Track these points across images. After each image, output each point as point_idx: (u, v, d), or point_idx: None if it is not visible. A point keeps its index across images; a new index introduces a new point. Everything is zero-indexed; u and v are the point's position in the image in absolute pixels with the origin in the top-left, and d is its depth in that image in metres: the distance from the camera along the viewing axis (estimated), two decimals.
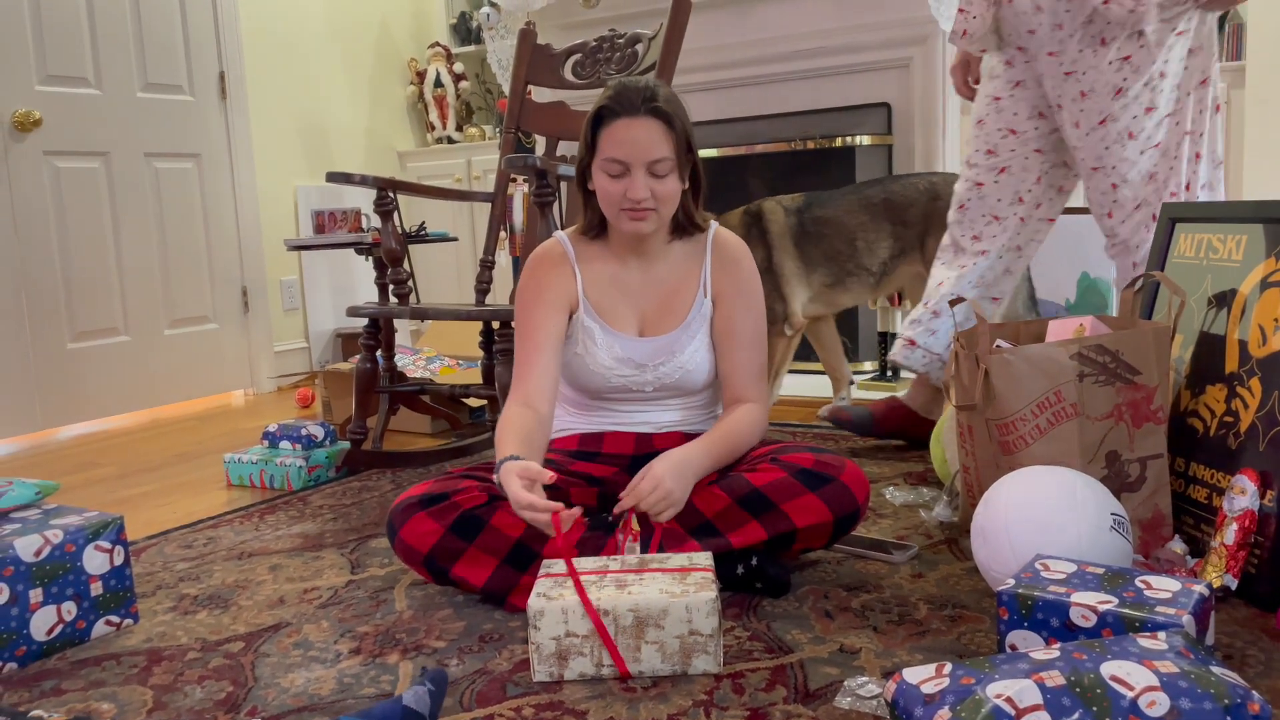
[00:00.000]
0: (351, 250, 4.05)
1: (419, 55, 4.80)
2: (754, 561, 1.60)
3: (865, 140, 3.41)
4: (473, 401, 3.14)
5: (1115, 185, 2.12)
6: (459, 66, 4.73)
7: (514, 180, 3.71)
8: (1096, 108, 2.08)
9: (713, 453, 1.63)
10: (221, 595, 1.77)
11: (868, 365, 3.54)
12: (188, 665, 1.49)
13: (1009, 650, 1.29)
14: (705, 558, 1.46)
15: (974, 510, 1.66)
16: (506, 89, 4.24)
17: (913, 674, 1.08)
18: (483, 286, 2.80)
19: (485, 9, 4.42)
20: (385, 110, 4.69)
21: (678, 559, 1.46)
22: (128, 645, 1.57)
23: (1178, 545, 1.57)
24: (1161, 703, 0.96)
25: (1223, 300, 1.72)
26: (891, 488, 2.14)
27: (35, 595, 1.51)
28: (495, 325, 2.75)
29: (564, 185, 2.66)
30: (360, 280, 4.49)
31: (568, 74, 2.79)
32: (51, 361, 3.36)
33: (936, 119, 3.37)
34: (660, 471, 1.54)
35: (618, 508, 1.56)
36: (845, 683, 1.29)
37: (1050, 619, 1.25)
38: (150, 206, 3.66)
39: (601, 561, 1.46)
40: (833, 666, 1.36)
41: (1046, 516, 1.44)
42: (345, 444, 2.62)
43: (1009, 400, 1.65)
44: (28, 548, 1.50)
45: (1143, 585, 1.27)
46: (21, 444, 3.29)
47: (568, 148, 2.85)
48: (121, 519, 1.63)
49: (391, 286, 2.69)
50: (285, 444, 2.56)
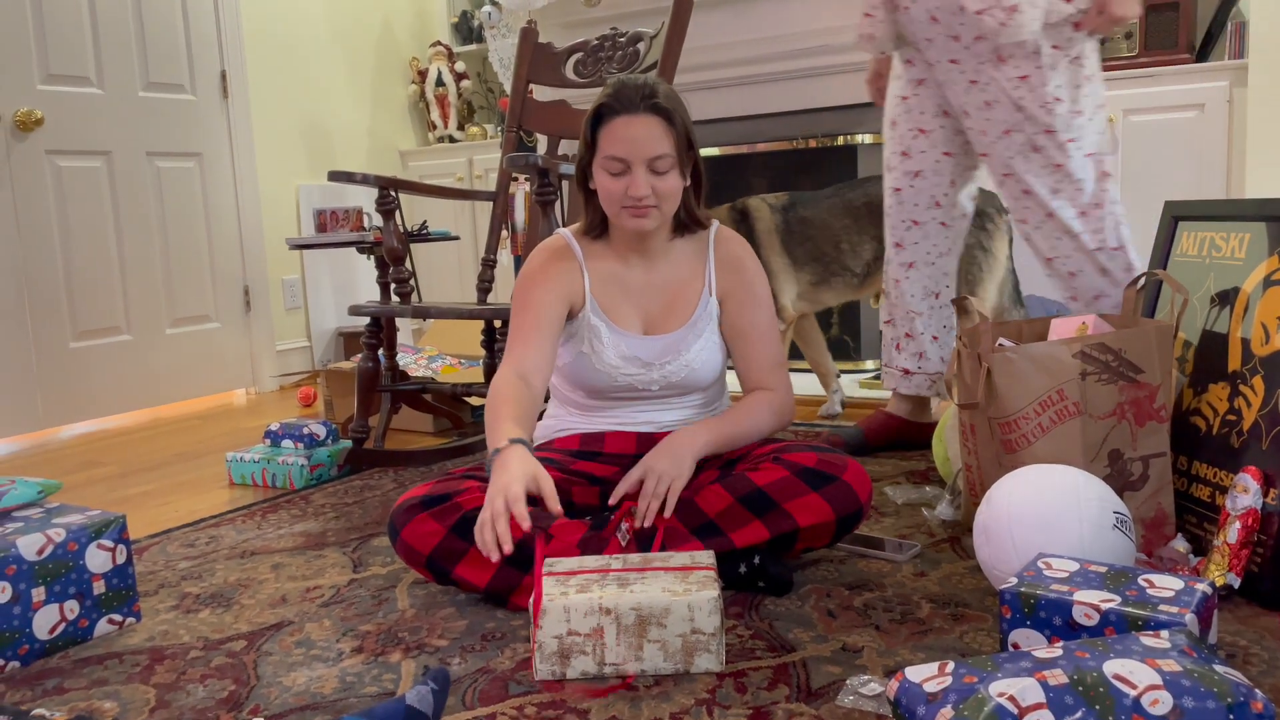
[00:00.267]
0: (353, 249, 4.06)
1: (420, 54, 4.80)
2: (756, 560, 1.60)
3: (867, 139, 3.41)
4: (474, 400, 3.15)
5: (1026, 191, 2.13)
6: (460, 65, 4.73)
7: (516, 179, 3.72)
8: (1001, 118, 2.09)
9: (717, 428, 1.65)
10: (224, 594, 1.77)
11: (869, 364, 3.54)
12: (190, 664, 1.49)
13: (1011, 649, 1.29)
14: (708, 556, 1.45)
15: (976, 509, 1.66)
16: (508, 88, 4.25)
17: (915, 672, 1.08)
18: (484, 285, 2.80)
19: (487, 8, 4.42)
20: (387, 109, 4.69)
21: (680, 558, 1.45)
22: (130, 644, 1.57)
23: (1180, 544, 1.57)
24: (1164, 701, 0.96)
25: (1225, 298, 1.72)
26: (894, 486, 2.14)
27: (38, 594, 1.52)
28: (497, 324, 2.75)
29: (566, 184, 2.65)
30: (362, 279, 4.50)
31: (569, 73, 2.79)
32: (53, 360, 3.36)
33: None
34: (650, 462, 1.58)
35: (612, 498, 1.60)
36: (848, 681, 1.29)
37: (1053, 618, 1.25)
38: (152, 206, 3.66)
39: (604, 560, 1.46)
40: (835, 665, 1.36)
41: (1049, 515, 1.44)
42: (347, 443, 2.62)
43: (1011, 399, 1.64)
44: (30, 546, 1.51)
45: (1145, 584, 1.27)
46: (24, 443, 3.30)
47: (569, 146, 2.85)
48: (124, 518, 1.63)
49: (393, 285, 2.69)
50: (287, 443, 2.56)
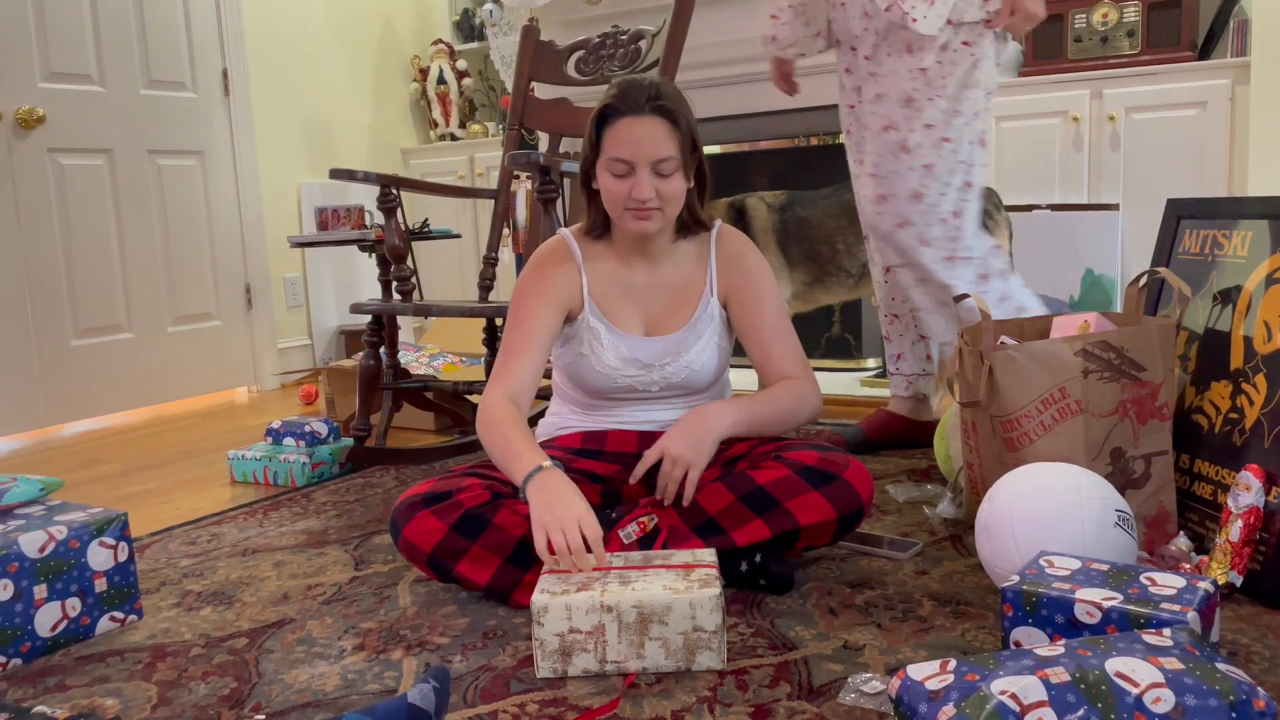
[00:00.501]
0: (355, 247, 4.06)
1: (422, 52, 4.80)
2: (758, 558, 1.60)
3: None
4: (476, 399, 3.15)
5: (884, 196, 2.11)
6: (462, 63, 4.73)
7: (517, 177, 3.72)
8: (884, 112, 2.08)
9: (747, 408, 1.64)
10: (225, 591, 1.77)
11: (871, 362, 3.54)
12: (192, 661, 1.49)
13: (1013, 647, 1.29)
14: (709, 554, 1.45)
15: (978, 507, 1.66)
16: (509, 86, 4.25)
17: (917, 670, 1.08)
18: (486, 283, 2.80)
19: (488, 6, 4.42)
20: (388, 107, 4.69)
21: (681, 555, 1.45)
22: (132, 641, 1.58)
23: (1182, 542, 1.57)
24: (1166, 699, 0.96)
25: (1227, 296, 1.72)
26: (895, 484, 2.14)
27: (40, 591, 1.52)
28: (498, 322, 2.75)
29: (567, 182, 2.65)
30: (363, 277, 4.50)
31: (571, 70, 2.79)
32: (55, 358, 3.36)
33: None
34: (669, 443, 1.59)
35: (632, 477, 1.62)
36: (849, 679, 1.29)
37: (1055, 615, 1.25)
38: (154, 204, 3.66)
39: (606, 557, 1.46)
40: (837, 663, 1.36)
41: (1051, 513, 1.44)
42: (349, 441, 2.62)
43: (1013, 397, 1.64)
44: (32, 544, 1.51)
45: (1147, 582, 1.27)
46: (25, 440, 3.30)
47: (571, 144, 2.85)
48: (125, 515, 1.63)
49: (395, 283, 2.69)
50: (289, 441, 2.56)
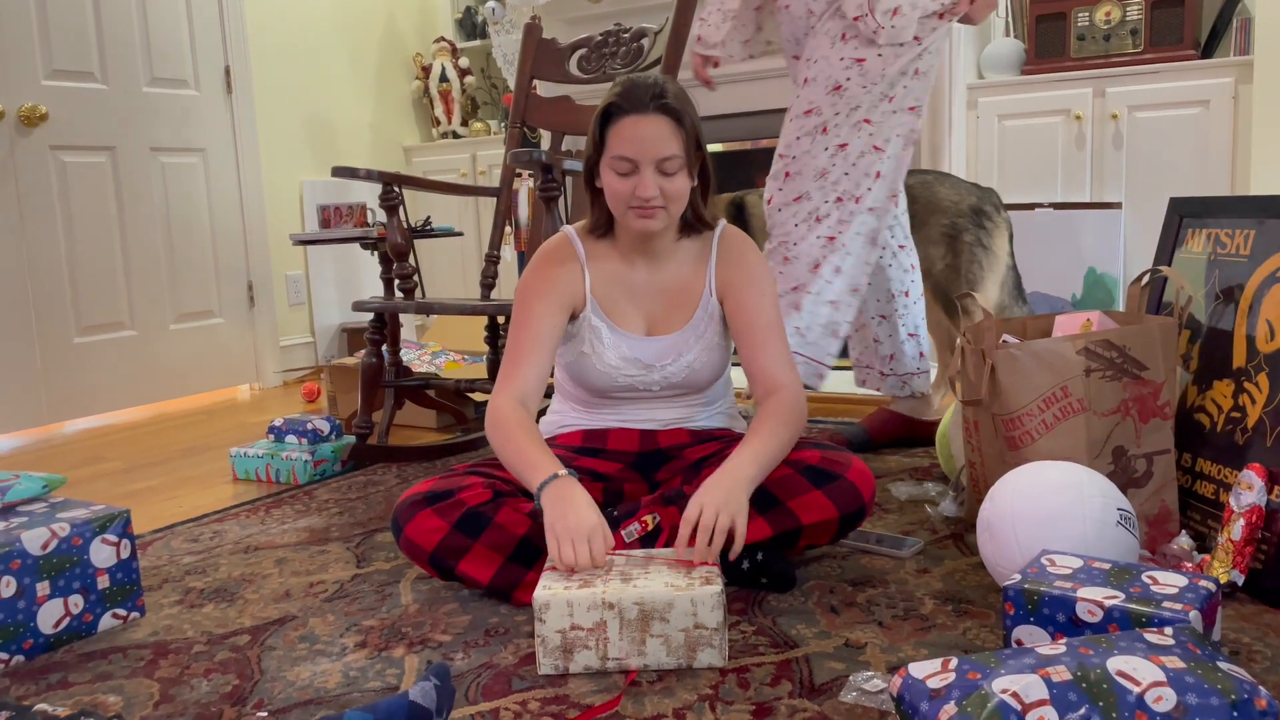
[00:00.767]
0: (357, 245, 4.06)
1: (424, 50, 4.80)
2: (759, 557, 1.60)
3: None
4: (477, 396, 3.15)
5: (789, 174, 2.10)
6: (464, 61, 4.73)
7: (519, 175, 3.72)
8: (809, 96, 2.06)
9: (760, 458, 1.53)
10: (228, 589, 1.78)
11: None
12: (194, 658, 1.49)
13: (1015, 645, 1.29)
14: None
15: (980, 505, 1.66)
16: (512, 84, 4.24)
17: (918, 669, 1.08)
18: (488, 281, 2.80)
19: (490, 3, 4.42)
20: (390, 105, 4.69)
21: (683, 552, 1.46)
22: (134, 638, 1.58)
23: (1184, 541, 1.57)
24: (1168, 698, 0.96)
25: (1230, 295, 1.72)
26: (897, 483, 2.14)
27: (42, 588, 1.52)
28: (500, 320, 2.75)
29: (569, 180, 2.65)
30: (366, 275, 4.50)
31: (573, 69, 2.79)
32: (58, 356, 3.37)
33: (943, 114, 3.36)
34: (708, 504, 1.43)
35: (676, 544, 1.44)
36: (850, 677, 1.29)
37: (1056, 614, 1.25)
38: (156, 201, 3.67)
39: (608, 556, 1.46)
40: (838, 661, 1.36)
41: (1053, 512, 1.44)
42: (351, 438, 2.62)
43: (1015, 395, 1.64)
44: (35, 541, 1.51)
45: (1149, 581, 1.27)
46: (28, 438, 3.30)
47: (573, 142, 2.85)
48: (128, 512, 1.63)
49: (397, 281, 2.70)
50: (291, 438, 2.57)
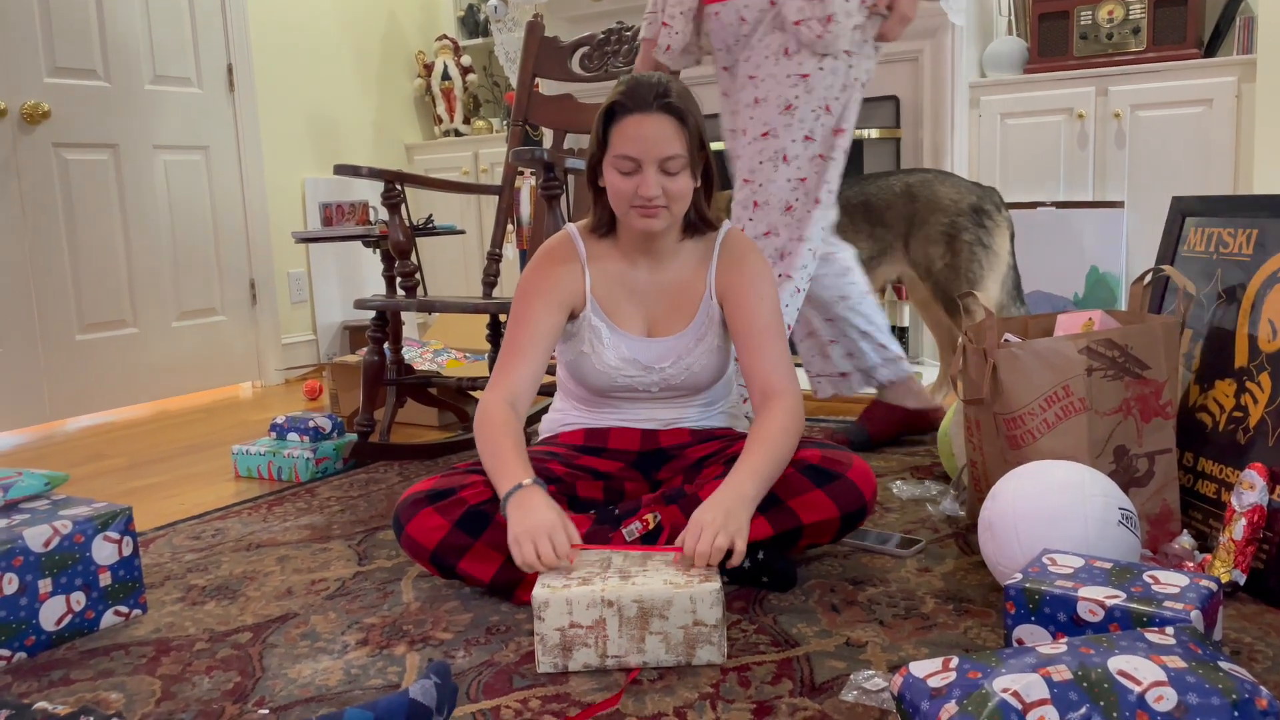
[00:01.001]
0: (359, 243, 4.06)
1: (426, 48, 4.80)
2: (760, 555, 1.60)
3: (873, 134, 3.40)
4: (479, 394, 3.15)
5: (758, 204, 2.08)
6: (466, 59, 4.73)
7: (521, 173, 3.72)
8: (764, 118, 2.04)
9: (759, 474, 1.51)
10: (229, 586, 1.78)
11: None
12: (196, 656, 1.49)
13: (1016, 645, 1.29)
14: None
15: (981, 504, 1.66)
16: (514, 82, 4.25)
17: (919, 668, 1.08)
18: (490, 279, 2.80)
19: (493, 2, 4.41)
20: (393, 103, 4.69)
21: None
22: (136, 635, 1.58)
23: (1186, 540, 1.57)
24: (1169, 698, 0.96)
25: (1232, 294, 1.71)
26: (899, 482, 2.14)
27: (44, 585, 1.52)
28: (502, 318, 2.75)
29: (571, 178, 2.65)
30: (368, 273, 4.50)
31: (575, 67, 2.79)
32: (60, 353, 3.37)
33: (945, 112, 3.36)
34: (708, 524, 1.41)
35: (678, 560, 1.42)
36: (851, 676, 1.29)
37: (1057, 613, 1.25)
38: (159, 199, 3.67)
39: (605, 554, 1.46)
40: (839, 660, 1.36)
41: (1054, 511, 1.44)
42: (352, 436, 2.63)
43: (1017, 394, 1.64)
44: (37, 538, 1.51)
45: (1150, 580, 1.27)
46: (30, 435, 3.31)
47: (575, 140, 2.85)
48: (130, 510, 1.63)
49: (399, 279, 2.70)
50: (293, 436, 2.57)
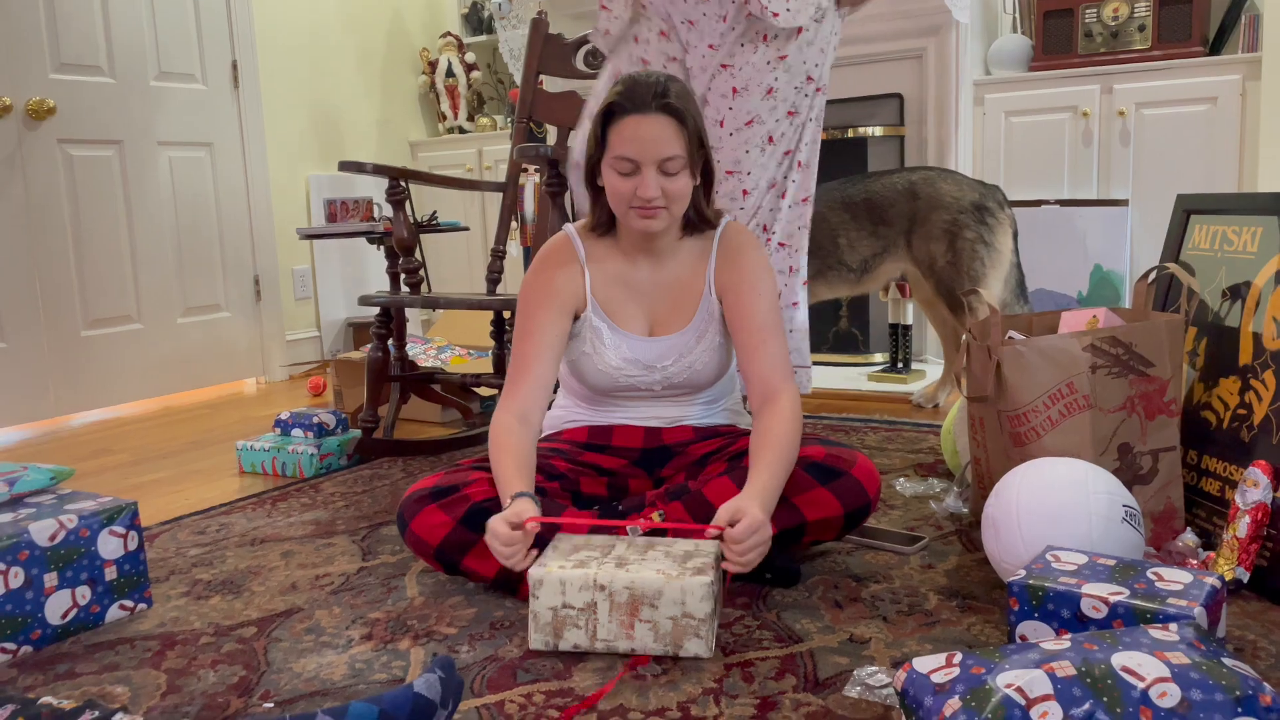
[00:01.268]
0: (363, 240, 4.07)
1: (431, 45, 4.80)
2: None
3: (877, 131, 3.40)
4: (483, 391, 3.15)
5: (746, 191, 2.06)
6: (470, 56, 4.73)
7: (525, 170, 3.72)
8: (746, 107, 1.99)
9: (779, 476, 1.52)
10: (234, 581, 1.78)
11: (878, 357, 3.53)
12: (201, 650, 1.50)
13: (1019, 641, 1.29)
14: (711, 547, 1.46)
15: (984, 502, 1.66)
16: (518, 79, 4.24)
17: (923, 663, 1.08)
18: (494, 276, 2.80)
19: None
20: (397, 100, 4.69)
21: (685, 545, 1.46)
22: (141, 629, 1.59)
23: (1190, 538, 1.57)
24: (1173, 694, 0.96)
25: (1237, 292, 1.71)
26: (902, 479, 2.14)
27: (50, 579, 1.53)
28: (506, 314, 2.76)
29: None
30: (372, 270, 4.50)
31: (580, 64, 2.79)
32: (65, 348, 3.38)
33: (949, 110, 3.36)
34: (760, 517, 1.41)
35: (710, 533, 1.43)
36: (855, 672, 1.29)
37: (1061, 610, 1.25)
38: (163, 195, 3.67)
39: (611, 540, 1.48)
40: (842, 656, 1.37)
41: (1058, 508, 1.44)
42: (356, 432, 2.63)
43: (1021, 392, 1.64)
44: (43, 532, 1.52)
45: (1154, 577, 1.27)
46: (36, 430, 3.31)
47: None
48: (135, 504, 1.64)
49: (403, 275, 2.70)
50: (297, 432, 2.57)
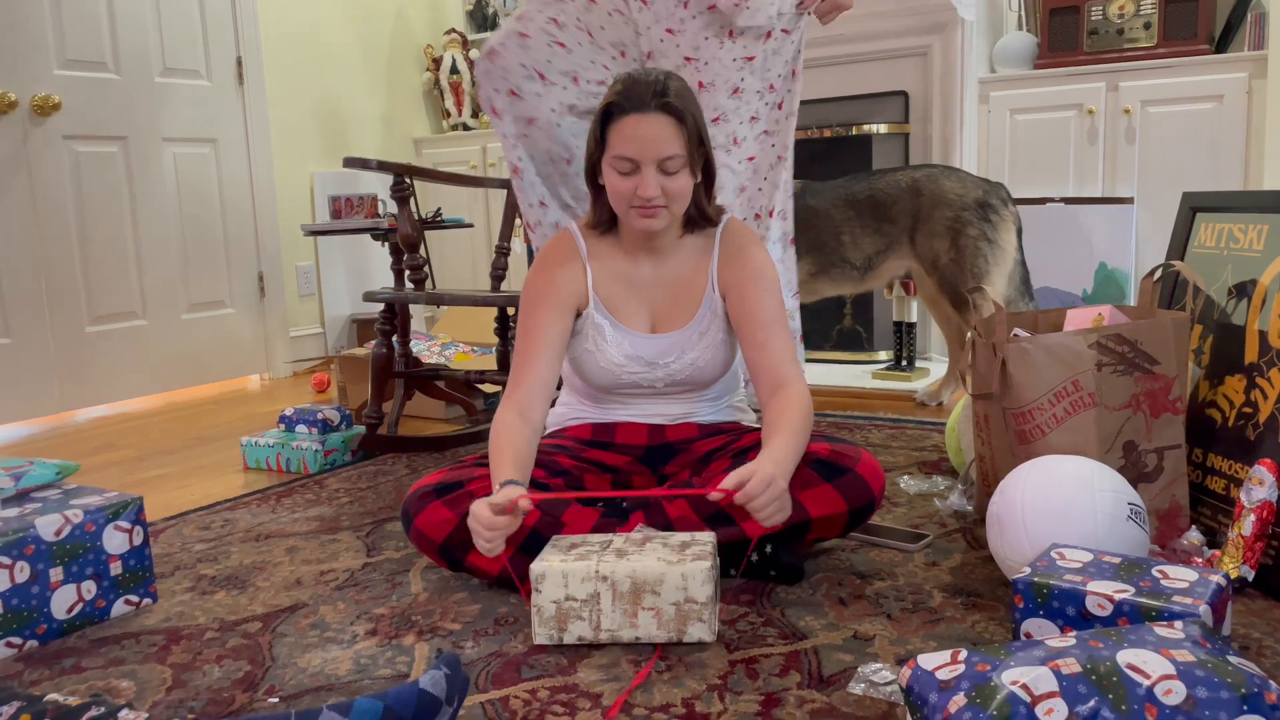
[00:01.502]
0: (367, 236, 4.07)
1: (435, 42, 4.80)
2: (768, 549, 1.60)
3: (882, 129, 3.39)
4: (487, 387, 3.15)
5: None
6: (475, 53, 4.73)
7: None
8: (712, 103, 1.96)
9: (794, 449, 1.52)
10: (239, 576, 1.79)
11: (882, 355, 3.53)
12: (206, 645, 1.50)
13: (1024, 638, 1.29)
14: (708, 536, 1.47)
15: (989, 499, 1.66)
16: None
17: (928, 660, 1.08)
18: (498, 273, 2.80)
19: None
20: (401, 97, 4.69)
21: (681, 536, 1.47)
22: (147, 624, 1.59)
23: (1194, 536, 1.57)
24: (1178, 691, 0.96)
25: (1243, 290, 1.71)
26: (906, 476, 2.14)
27: (56, 574, 1.53)
28: (510, 311, 2.76)
29: None
30: (376, 266, 4.51)
31: None
32: (70, 344, 3.38)
33: (954, 108, 3.35)
34: (771, 471, 1.41)
35: (713, 495, 1.39)
36: (859, 669, 1.29)
37: (1066, 608, 1.25)
38: (168, 191, 3.68)
39: (608, 536, 1.49)
40: (846, 653, 1.37)
41: (1063, 505, 1.44)
42: (361, 428, 2.63)
43: (1026, 389, 1.64)
44: (48, 527, 1.52)
45: (1159, 575, 1.27)
46: (41, 425, 3.32)
47: None
48: (140, 499, 1.64)
49: (407, 272, 2.70)
50: (301, 428, 2.58)
